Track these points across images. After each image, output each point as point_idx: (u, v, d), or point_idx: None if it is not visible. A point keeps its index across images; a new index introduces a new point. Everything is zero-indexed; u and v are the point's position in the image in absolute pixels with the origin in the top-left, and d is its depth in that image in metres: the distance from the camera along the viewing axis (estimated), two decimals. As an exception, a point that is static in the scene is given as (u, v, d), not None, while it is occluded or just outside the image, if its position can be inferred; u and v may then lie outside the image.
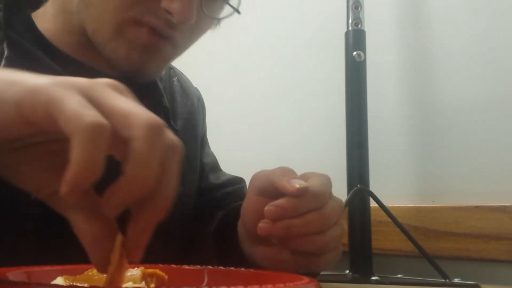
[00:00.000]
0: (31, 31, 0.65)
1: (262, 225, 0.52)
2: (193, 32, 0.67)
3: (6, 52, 0.60)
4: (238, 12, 0.68)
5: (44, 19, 0.67)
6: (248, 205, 0.58)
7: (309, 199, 0.51)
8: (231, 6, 0.68)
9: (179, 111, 0.78)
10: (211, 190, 0.80)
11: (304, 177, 0.54)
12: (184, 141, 0.75)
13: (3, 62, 0.59)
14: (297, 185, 0.51)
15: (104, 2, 0.61)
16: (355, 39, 1.07)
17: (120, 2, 0.61)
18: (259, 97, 1.40)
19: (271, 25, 1.40)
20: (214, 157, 0.88)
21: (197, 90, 0.89)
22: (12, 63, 0.58)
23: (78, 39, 0.66)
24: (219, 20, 0.70)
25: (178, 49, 0.68)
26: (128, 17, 0.61)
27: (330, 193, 0.54)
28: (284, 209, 0.51)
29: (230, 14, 0.68)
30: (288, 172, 0.54)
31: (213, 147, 0.92)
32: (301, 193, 0.51)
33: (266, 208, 0.51)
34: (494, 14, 1.04)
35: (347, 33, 1.08)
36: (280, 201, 0.51)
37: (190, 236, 0.74)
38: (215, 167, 0.86)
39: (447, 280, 0.91)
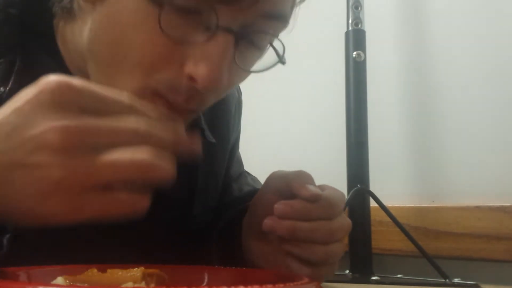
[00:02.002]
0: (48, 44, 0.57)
1: (268, 220, 0.52)
2: (221, 92, 0.54)
3: (16, 65, 0.54)
4: (283, 62, 0.58)
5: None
6: (258, 200, 0.57)
7: (320, 208, 0.51)
8: (274, 48, 0.57)
9: (217, 121, 0.73)
10: (233, 204, 0.75)
11: (320, 187, 0.54)
12: (216, 155, 0.73)
13: (12, 78, 0.53)
14: (312, 191, 0.51)
15: (115, 66, 0.49)
16: (355, 39, 1.07)
17: (135, 67, 0.47)
18: (258, 97, 1.39)
19: (271, 25, 1.39)
20: (240, 161, 0.84)
21: (239, 90, 0.82)
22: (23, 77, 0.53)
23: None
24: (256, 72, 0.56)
25: (204, 107, 0.55)
26: (144, 86, 0.48)
27: (341, 210, 0.54)
28: (294, 209, 0.51)
29: (273, 65, 0.57)
30: (306, 177, 0.54)
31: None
32: (314, 199, 0.51)
33: (276, 204, 0.51)
34: (494, 13, 1.04)
35: (347, 33, 1.08)
36: (292, 201, 0.51)
37: (202, 244, 0.72)
38: (240, 174, 0.81)
39: (447, 280, 0.91)
